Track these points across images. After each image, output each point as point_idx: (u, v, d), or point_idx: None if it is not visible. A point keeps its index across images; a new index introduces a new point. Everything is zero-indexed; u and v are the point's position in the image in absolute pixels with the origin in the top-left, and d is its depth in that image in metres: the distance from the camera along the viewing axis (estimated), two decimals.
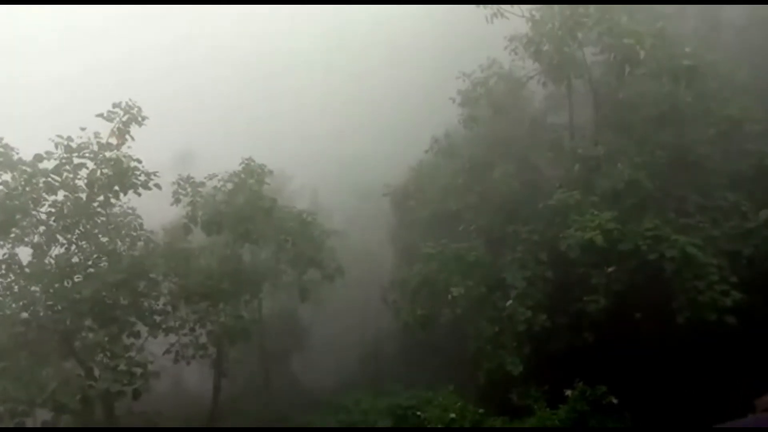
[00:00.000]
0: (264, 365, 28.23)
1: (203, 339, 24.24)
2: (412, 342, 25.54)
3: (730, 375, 18.73)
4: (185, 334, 24.30)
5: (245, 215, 23.94)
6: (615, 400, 17.46)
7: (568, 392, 17.73)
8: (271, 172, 25.11)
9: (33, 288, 23.17)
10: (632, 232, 20.37)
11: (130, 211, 24.85)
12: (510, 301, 21.99)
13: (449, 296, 22.84)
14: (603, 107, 24.05)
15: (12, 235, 23.01)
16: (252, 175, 24.55)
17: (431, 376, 22.97)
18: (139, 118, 23.87)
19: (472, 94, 26.53)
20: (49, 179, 22.82)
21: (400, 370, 25.68)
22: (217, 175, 24.74)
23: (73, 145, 23.06)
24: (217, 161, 25.08)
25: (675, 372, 19.59)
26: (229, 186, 24.45)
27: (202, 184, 24.29)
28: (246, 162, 24.81)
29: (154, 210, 25.50)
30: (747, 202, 20.76)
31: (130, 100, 24.03)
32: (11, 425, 21.95)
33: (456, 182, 26.55)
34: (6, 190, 21.98)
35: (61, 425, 24.20)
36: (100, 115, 24.21)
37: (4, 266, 23.32)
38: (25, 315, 23.51)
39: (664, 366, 19.95)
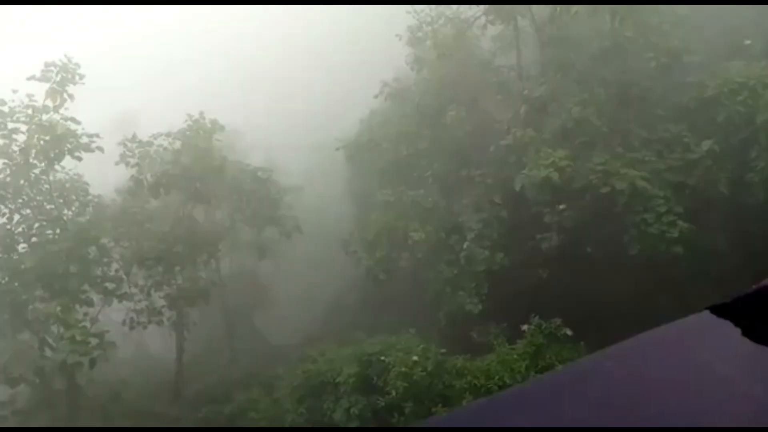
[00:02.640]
0: (227, 324, 28.54)
1: (160, 303, 24.49)
2: (373, 291, 26.16)
3: (677, 301, 20.21)
4: (140, 300, 24.42)
5: (195, 174, 23.95)
6: (570, 332, 18.85)
7: (525, 327, 18.92)
8: (222, 127, 25.09)
9: None
10: (583, 168, 21.09)
11: (76, 177, 24.68)
12: (467, 243, 22.86)
13: (408, 242, 23.77)
14: (548, 47, 24.74)
15: None
16: (200, 132, 24.57)
17: (394, 323, 23.78)
18: (76, 77, 23.51)
19: (419, 33, 26.63)
20: None
21: (363, 320, 26.34)
22: (162, 134, 24.51)
23: (5, 109, 22.60)
24: (162, 121, 24.76)
25: (625, 302, 20.97)
26: (177, 144, 24.26)
27: (150, 143, 24.03)
28: (194, 119, 24.68)
29: (107, 174, 25.15)
30: (689, 134, 21.96)
31: (65, 56, 23.53)
32: None
33: (407, 129, 26.94)
34: None
35: (19, 399, 24.42)
36: (32, 78, 23.71)
37: None
38: None
39: (615, 297, 21.33)
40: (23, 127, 22.45)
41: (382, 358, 19.77)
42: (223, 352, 27.89)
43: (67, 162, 23.49)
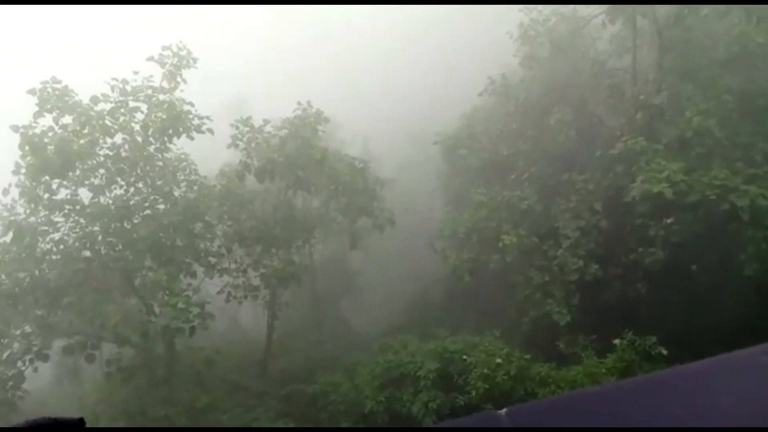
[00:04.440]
0: (315, 308, 30.25)
1: (256, 281, 26.22)
2: (459, 289, 26.77)
3: None
4: (238, 276, 26.44)
5: (298, 163, 25.37)
6: (665, 352, 18.54)
7: (617, 341, 18.75)
8: (327, 119, 26.23)
9: (94, 228, 25.65)
10: (699, 182, 20.44)
11: (184, 156, 26.84)
12: (561, 251, 22.92)
13: (499, 244, 23.96)
14: (669, 51, 23.98)
15: (74, 178, 25.41)
16: (305, 121, 25.87)
17: (477, 323, 24.27)
18: (190, 61, 25.55)
19: (532, 31, 26.64)
20: (106, 122, 24.91)
21: (447, 316, 27.02)
22: (270, 121, 26.08)
23: (128, 88, 24.90)
24: (269, 107, 26.41)
25: (729, 326, 20.30)
26: (283, 132, 25.82)
27: (260, 130, 25.70)
28: (302, 108, 25.96)
29: (210, 155, 27.24)
30: None
31: (180, 42, 25.61)
32: (82, 356, 24.93)
33: (509, 127, 27.13)
34: (65, 133, 24.11)
35: (124, 358, 27.06)
36: (151, 59, 25.93)
37: (67, 206, 26.08)
38: (87, 253, 26.20)
39: (718, 320, 20.68)
40: (143, 106, 24.66)
41: (464, 357, 20.30)
42: (310, 335, 29.55)
43: (178, 142, 25.64)
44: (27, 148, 23.42)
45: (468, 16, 33.62)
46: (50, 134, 23.56)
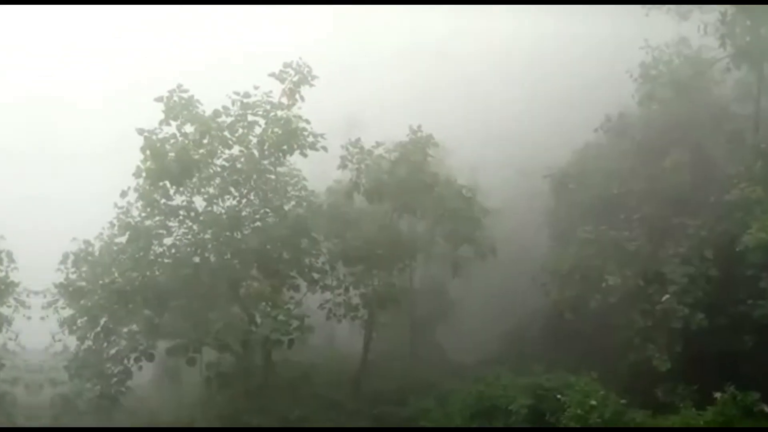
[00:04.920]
0: (411, 332, 33.16)
1: (356, 300, 29.28)
2: (557, 325, 29.06)
3: None
4: (339, 294, 29.47)
5: (407, 187, 28.25)
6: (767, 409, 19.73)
7: (718, 395, 19.89)
8: (437, 144, 29.17)
9: (206, 236, 29.39)
10: None
11: (296, 171, 30.38)
12: (667, 296, 24.54)
13: (603, 284, 25.95)
14: None
15: (190, 185, 29.19)
16: (416, 145, 28.74)
17: (573, 362, 26.06)
18: (309, 78, 28.93)
19: (653, 71, 28.64)
20: (225, 134, 28.57)
21: (543, 352, 28.95)
22: (383, 144, 29.14)
23: (249, 102, 28.47)
24: (382, 129, 29.47)
25: None
26: (395, 155, 28.83)
27: (370, 152, 29.03)
28: (414, 132, 28.91)
29: (319, 171, 30.54)
30: None
31: (301, 59, 29.06)
32: (184, 359, 28.48)
33: (623, 166, 29.19)
34: (186, 141, 27.88)
35: (223, 363, 30.51)
36: (272, 75, 29.45)
37: (182, 212, 29.97)
38: (196, 259, 29.96)
39: None
40: (261, 121, 28.20)
41: (558, 396, 22.07)
42: (404, 358, 32.44)
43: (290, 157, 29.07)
44: (148, 152, 27.34)
45: (586, 51, 35.80)
46: (172, 141, 27.33)
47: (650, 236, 27.09)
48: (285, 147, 28.01)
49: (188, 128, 27.38)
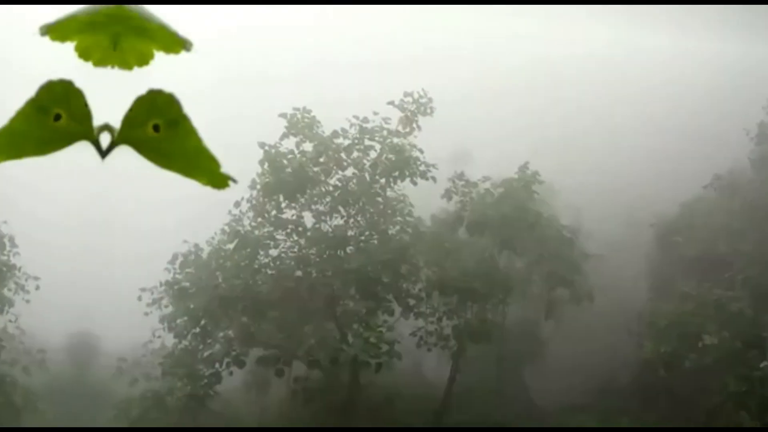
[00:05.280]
0: (498, 369, 34.29)
1: (447, 331, 30.76)
2: (647, 380, 29.77)
3: None
4: (432, 323, 31.03)
5: (509, 223, 29.63)
6: None
7: None
8: (542, 182, 30.62)
9: (310, 251, 32.03)
10: None
11: (402, 197, 32.82)
12: (766, 363, 25.04)
13: (699, 343, 26.42)
14: None
15: (302, 201, 32.00)
16: (523, 184, 30.56)
17: (662, 419, 28.00)
18: (428, 110, 31.52)
19: None
20: (342, 155, 31.47)
21: (631, 406, 29.87)
22: (490, 178, 30.88)
23: (367, 126, 31.36)
24: (488, 161, 32.10)
25: None
26: (500, 191, 30.51)
27: (476, 185, 31.12)
28: (521, 170, 30.67)
29: (422, 199, 33.09)
30: None
31: (422, 90, 32.05)
32: (273, 369, 30.91)
33: (731, 225, 30.20)
34: (304, 158, 30.86)
35: (311, 378, 32.83)
36: (391, 103, 32.21)
37: (290, 226, 32.68)
38: (299, 273, 32.51)
39: None
40: (377, 146, 31.06)
41: None
42: (489, 394, 33.14)
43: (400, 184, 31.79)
44: (266, 165, 30.36)
45: (699, 105, 38.43)
46: (289, 156, 30.09)
47: (754, 299, 27.61)
48: (396, 173, 30.23)
49: (306, 146, 30.14)
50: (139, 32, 1.30)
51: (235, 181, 1.25)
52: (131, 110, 1.18)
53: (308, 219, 31.47)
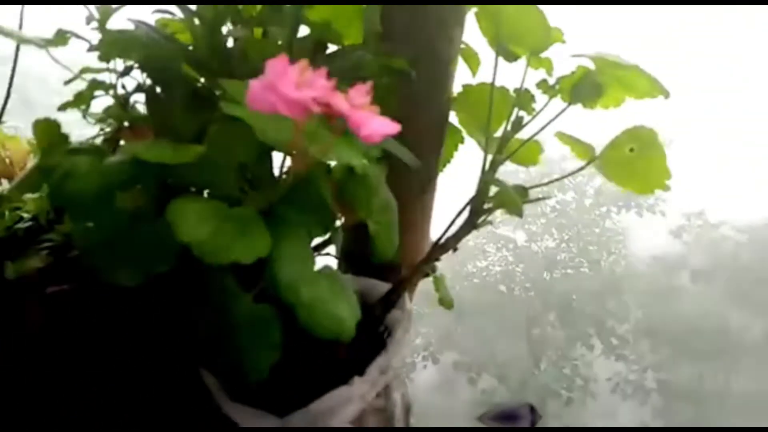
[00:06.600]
0: None
1: (651, 385, 27.89)
2: None
3: None
4: (634, 371, 28.29)
5: (748, 277, 26.57)
6: None
7: None
8: None
9: (517, 268, 31.16)
10: None
11: (621, 229, 31.22)
12: None
13: None
14: None
15: (517, 219, 31.15)
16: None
17: None
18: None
19: None
20: (565, 181, 30.29)
21: None
22: (726, 223, 28.19)
23: None
24: (734, 207, 29.00)
25: None
26: (743, 238, 28.11)
27: (714, 227, 28.46)
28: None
29: (645, 233, 30.90)
30: None
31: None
32: (465, 376, 30.50)
33: None
34: (527, 177, 30.06)
35: (498, 396, 32.15)
36: None
37: (502, 241, 32.13)
38: (502, 288, 32.04)
39: None
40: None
41: None
42: None
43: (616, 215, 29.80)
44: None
45: None
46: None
47: None
48: (621, 203, 29.22)
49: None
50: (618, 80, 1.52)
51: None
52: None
53: (520, 236, 30.25)
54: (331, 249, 1.88)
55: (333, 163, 1.53)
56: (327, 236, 1.66)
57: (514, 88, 1.82)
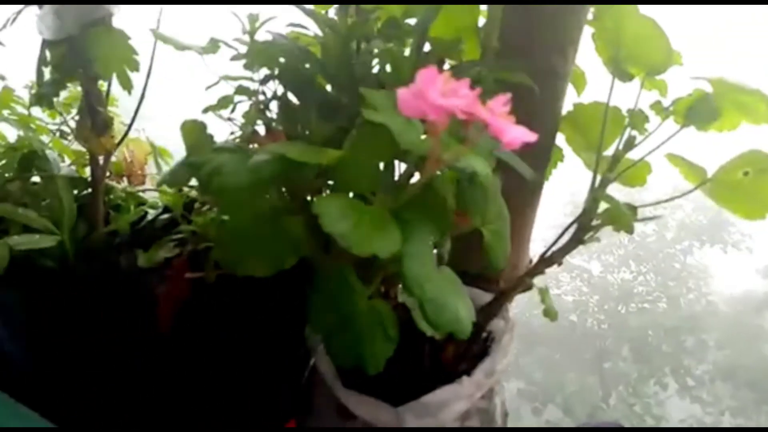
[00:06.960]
0: None
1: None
2: None
3: None
4: (710, 413, 27.06)
5: None
6: None
7: None
8: None
9: (590, 299, 30.39)
10: None
11: (703, 266, 30.32)
12: None
13: None
14: None
15: (591, 249, 30.80)
16: None
17: None
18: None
19: None
20: (646, 210, 29.68)
21: None
22: None
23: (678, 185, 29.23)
24: None
25: None
26: None
27: None
28: None
29: (727, 270, 29.82)
30: None
31: None
32: (528, 409, 30.06)
33: None
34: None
35: (561, 425, 31.51)
36: None
37: (576, 271, 31.84)
38: (573, 318, 31.52)
39: None
40: (686, 205, 28.66)
41: None
42: None
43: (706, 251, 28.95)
44: None
45: None
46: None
47: None
48: (704, 237, 28.36)
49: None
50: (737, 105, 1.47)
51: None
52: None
53: (595, 267, 29.65)
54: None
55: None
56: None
57: (627, 109, 1.87)
